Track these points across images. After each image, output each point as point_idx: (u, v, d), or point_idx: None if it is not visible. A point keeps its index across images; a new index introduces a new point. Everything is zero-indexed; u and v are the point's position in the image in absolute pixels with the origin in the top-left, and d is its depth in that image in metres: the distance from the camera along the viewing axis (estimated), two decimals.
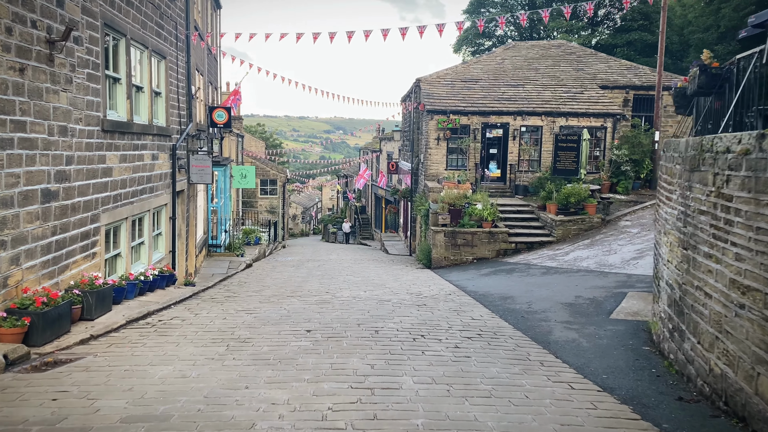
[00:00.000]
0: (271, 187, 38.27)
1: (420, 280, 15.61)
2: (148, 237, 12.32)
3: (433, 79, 25.63)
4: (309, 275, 16.73)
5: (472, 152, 23.37)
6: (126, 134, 10.83)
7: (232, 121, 20.14)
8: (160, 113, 13.17)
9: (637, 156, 22.83)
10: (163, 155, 13.06)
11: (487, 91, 24.64)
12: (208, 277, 17.08)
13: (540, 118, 23.47)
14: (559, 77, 26.02)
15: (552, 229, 19.21)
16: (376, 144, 44.09)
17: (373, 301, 11.41)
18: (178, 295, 11.75)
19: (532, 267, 16.30)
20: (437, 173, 23.32)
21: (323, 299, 11.57)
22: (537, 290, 12.83)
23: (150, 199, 12.23)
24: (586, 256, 16.51)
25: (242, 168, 27.62)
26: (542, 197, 20.54)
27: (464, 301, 11.71)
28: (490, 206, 19.15)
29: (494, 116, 23.37)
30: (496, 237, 18.68)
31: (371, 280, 15.64)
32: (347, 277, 16.27)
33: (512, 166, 23.55)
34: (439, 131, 23.19)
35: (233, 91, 21.69)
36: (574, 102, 24.05)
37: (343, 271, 18.12)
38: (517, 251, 18.75)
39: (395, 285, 14.29)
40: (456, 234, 18.72)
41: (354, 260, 22.53)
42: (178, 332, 8.29)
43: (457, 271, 17.65)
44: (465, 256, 18.75)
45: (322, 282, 14.86)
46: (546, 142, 23.56)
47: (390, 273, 17.76)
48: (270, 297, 11.92)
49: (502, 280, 14.88)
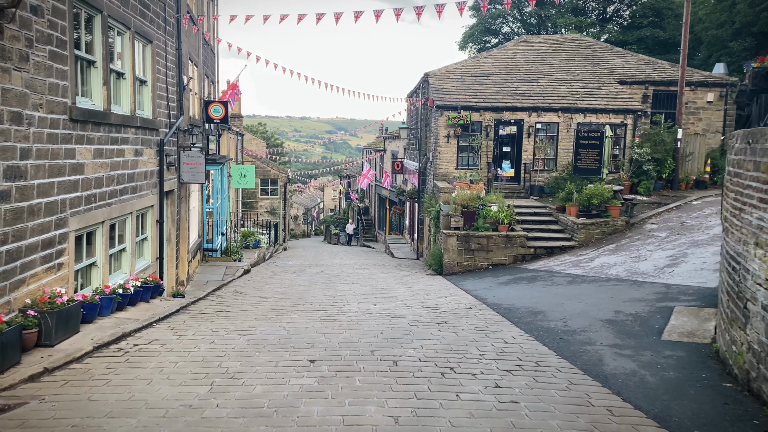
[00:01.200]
0: (271, 188, 36.69)
1: (433, 290, 14.06)
2: (131, 243, 10.77)
3: (442, 74, 24.08)
4: (311, 283, 15.18)
5: (484, 150, 21.81)
6: (102, 125, 9.28)
7: (229, 117, 18.60)
8: (146, 104, 11.63)
9: (660, 155, 21.26)
10: (149, 151, 11.52)
11: (500, 86, 23.09)
12: (201, 284, 15.54)
13: (556, 114, 21.90)
14: (574, 72, 24.47)
15: (573, 232, 17.64)
16: (380, 143, 42.54)
17: (386, 317, 9.85)
18: (163, 309, 10.20)
19: (555, 275, 14.75)
20: (447, 173, 21.76)
21: (328, 315, 10.01)
22: (569, 303, 11.28)
23: (132, 200, 10.68)
24: (614, 263, 14.95)
25: (241, 167, 26.07)
26: (561, 198, 18.98)
27: (489, 317, 10.16)
28: (506, 208, 17.60)
29: (508, 112, 21.81)
30: (513, 241, 17.12)
31: (380, 289, 14.09)
32: (353, 285, 14.72)
33: (527, 166, 21.99)
34: (449, 128, 21.63)
35: (231, 84, 20.17)
36: (592, 98, 22.48)
37: (348, 278, 16.57)
38: (536, 257, 17.19)
39: (407, 296, 12.73)
40: (470, 238, 17.17)
41: (359, 265, 20.98)
42: (153, 363, 6.73)
43: (472, 278, 16.10)
44: (479, 262, 17.20)
45: (327, 292, 13.31)
46: (563, 139, 22.00)
47: (399, 280, 16.21)
48: (268, 312, 10.37)
49: (526, 291, 13.33)
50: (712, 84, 23.81)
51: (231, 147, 30.28)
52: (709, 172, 22.89)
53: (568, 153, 22.01)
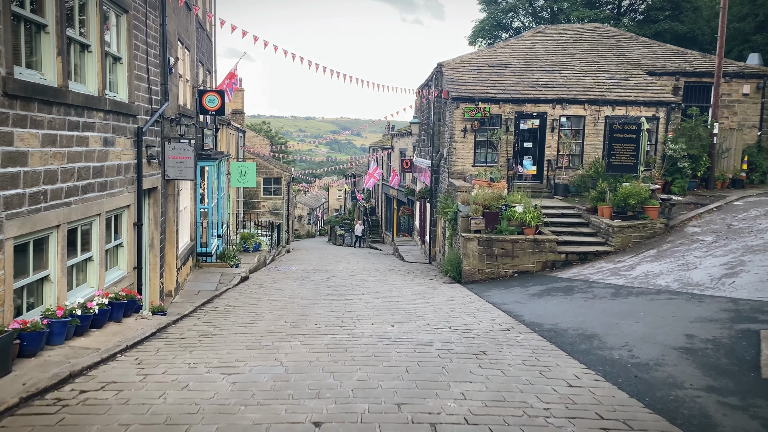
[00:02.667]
0: (274, 187, 34.69)
1: (456, 303, 12.07)
2: (99, 251, 8.80)
3: (457, 64, 22.06)
4: (316, 294, 13.20)
5: (504, 146, 19.79)
6: (56, 106, 7.31)
7: (230, 111, 16.63)
8: (120, 85, 9.65)
9: (695, 151, 19.20)
10: (124, 141, 9.54)
11: (520, 77, 21.05)
12: (192, 295, 13.57)
13: (582, 106, 19.86)
14: (598, 63, 22.41)
15: (608, 236, 15.61)
16: (387, 141, 40.52)
17: (408, 344, 7.86)
18: (135, 333, 8.23)
19: (594, 285, 12.72)
20: (463, 170, 19.75)
21: (337, 341, 8.02)
22: (624, 324, 9.27)
23: (101, 199, 8.71)
24: (659, 271, 12.93)
25: (241, 165, 24.10)
26: (592, 198, 16.95)
27: (534, 344, 8.16)
28: (533, 209, 15.58)
29: (529, 104, 19.78)
30: (541, 246, 15.10)
31: (395, 302, 12.09)
32: (364, 297, 12.72)
33: (550, 162, 19.96)
34: (465, 121, 19.61)
35: (229, 73, 18.22)
36: (620, 89, 20.44)
37: (357, 287, 14.58)
38: (567, 264, 15.16)
39: (428, 312, 10.73)
40: (492, 242, 15.16)
41: (368, 270, 18.98)
42: (96, 426, 4.76)
43: (497, 288, 14.09)
44: (503, 269, 15.19)
45: (334, 306, 11.31)
46: (589, 134, 19.96)
47: (415, 290, 14.21)
48: (263, 336, 8.38)
49: (565, 306, 11.32)
50: (748, 75, 21.75)
51: (231, 144, 28.30)
52: (745, 170, 20.85)
53: (595, 149, 19.98)
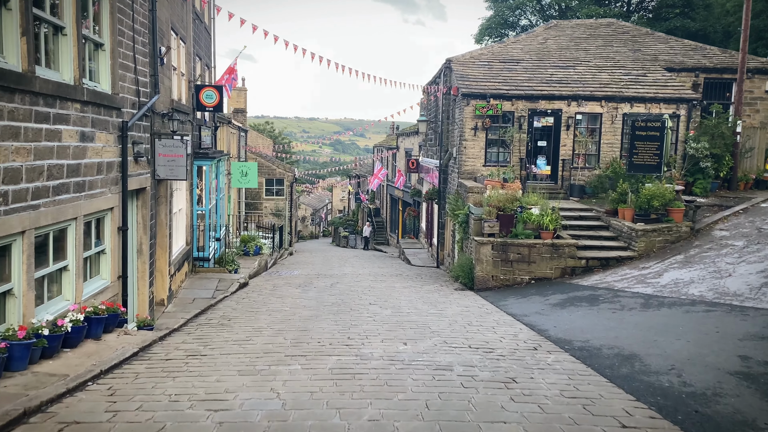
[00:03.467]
0: (277, 188, 33.64)
1: (472, 314, 11.00)
2: (76, 259, 7.76)
3: (467, 60, 21.00)
4: (319, 304, 12.14)
5: (517, 145, 18.71)
6: (19, 93, 6.27)
7: (232, 110, 15.60)
8: (102, 74, 8.62)
9: (718, 150, 18.07)
10: (106, 136, 8.51)
11: (532, 73, 19.98)
12: (186, 303, 12.54)
13: (599, 103, 18.77)
14: (614, 58, 21.32)
15: (631, 240, 14.52)
16: (392, 141, 39.46)
17: (425, 369, 6.79)
18: (114, 353, 7.18)
19: (620, 294, 11.64)
20: (473, 170, 18.68)
21: (343, 365, 6.95)
22: (663, 341, 8.19)
23: (77, 201, 7.68)
24: (690, 279, 11.85)
25: (242, 164, 23.07)
26: (612, 200, 15.86)
27: (569, 367, 7.09)
28: (551, 211, 14.51)
29: (544, 101, 18.70)
30: (560, 251, 14.02)
31: (405, 313, 11.03)
32: (372, 307, 11.66)
33: (565, 162, 18.87)
34: (476, 119, 18.54)
35: (228, 68, 17.20)
36: (638, 85, 19.34)
37: (364, 295, 13.52)
38: (588, 270, 14.07)
39: (443, 325, 9.67)
40: (507, 246, 14.09)
41: (374, 275, 17.92)
42: None
43: (513, 296, 13.01)
44: (519, 276, 14.12)
45: (339, 319, 10.26)
46: (606, 132, 18.86)
47: (425, 299, 13.15)
48: (258, 357, 7.33)
49: (593, 318, 10.24)
50: None
51: (232, 143, 27.28)
52: None
53: (612, 148, 18.88)
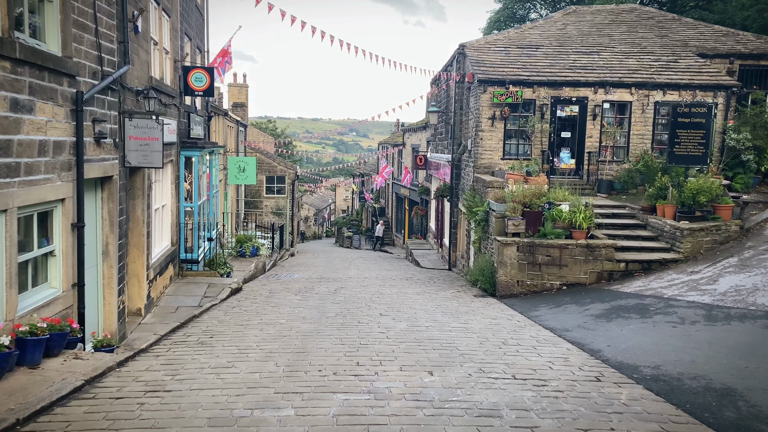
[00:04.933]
0: (278, 186, 31.82)
1: (504, 329, 9.15)
2: (7, 264, 5.94)
3: (481, 45, 19.15)
4: (321, 315, 10.30)
5: (539, 136, 16.85)
6: None
7: (215, 87, 13.79)
8: (50, 30, 6.79)
9: (760, 142, 16.19)
10: (53, 108, 6.68)
11: (554, 59, 18.12)
12: (168, 313, 10.71)
13: (629, 90, 16.90)
14: (640, 44, 19.45)
15: (674, 240, 12.64)
16: (398, 138, 37.61)
17: (464, 416, 4.94)
18: (46, 390, 5.35)
19: (674, 304, 9.77)
20: (491, 164, 16.83)
21: (351, 410, 5.10)
22: (757, 368, 6.34)
23: (8, 189, 5.86)
24: (753, 286, 10.01)
25: (240, 159, 21.24)
26: (649, 195, 14.00)
27: (653, 408, 5.24)
28: (583, 207, 12.66)
29: (568, 88, 16.83)
30: (596, 253, 12.16)
31: (425, 328, 9.17)
32: (383, 319, 9.82)
33: (591, 155, 17.00)
34: (494, 108, 16.69)
35: (221, 50, 15.42)
36: (671, 72, 17.47)
37: (372, 303, 11.67)
38: (627, 274, 12.20)
39: (473, 344, 7.81)
40: (535, 247, 12.24)
41: (381, 279, 16.06)
42: None
43: (545, 305, 11.14)
44: (549, 281, 12.26)
45: (344, 336, 8.40)
46: (636, 122, 16.99)
47: (444, 308, 11.29)
48: (239, 395, 5.47)
49: (649, 333, 8.37)
50: None
51: (230, 138, 25.46)
52: None
53: (642, 139, 17.01)
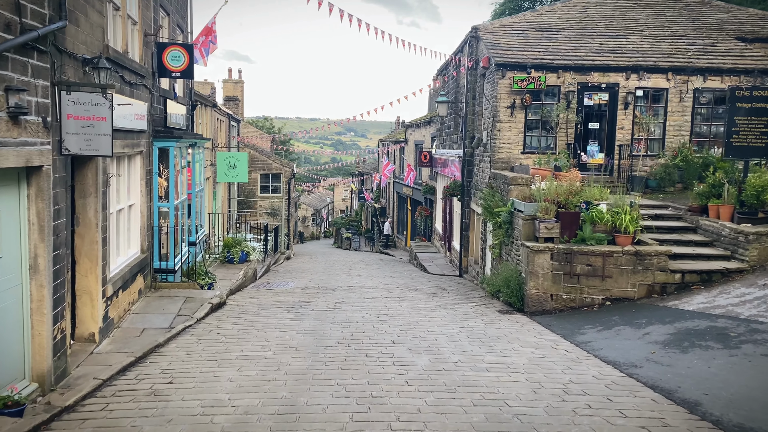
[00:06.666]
0: (273, 185, 29.71)
1: (557, 367, 7.07)
2: None
3: (496, 28, 17.10)
4: (318, 344, 8.21)
5: (564, 127, 14.80)
6: None
7: (194, 69, 11.68)
8: None
9: None
10: None
11: (578, 42, 16.07)
12: (130, 337, 8.62)
13: (665, 76, 14.85)
14: (671, 28, 17.41)
15: (736, 247, 10.57)
16: (399, 135, 35.52)
17: None
18: None
19: (758, 328, 7.69)
20: (510, 158, 14.76)
21: None
22: None
23: None
24: None
25: (229, 155, 19.14)
26: (699, 194, 11.94)
27: None
28: (629, 207, 10.61)
29: (597, 73, 14.77)
30: (646, 262, 10.09)
31: (454, 366, 7.10)
32: (398, 350, 7.73)
33: (622, 149, 14.96)
34: (513, 95, 14.63)
35: (204, 28, 13.35)
36: (710, 56, 15.43)
37: (382, 324, 9.57)
38: (683, 287, 10.12)
39: (523, 393, 5.73)
40: (573, 255, 10.17)
41: (388, 289, 13.96)
42: None
43: (589, 325, 9.06)
44: (590, 295, 10.19)
45: (349, 383, 6.33)
46: (673, 112, 14.95)
47: (469, 330, 9.20)
48: None
49: (749, 372, 6.29)
50: None
51: (220, 132, 23.33)
52: None
53: (680, 131, 14.97)
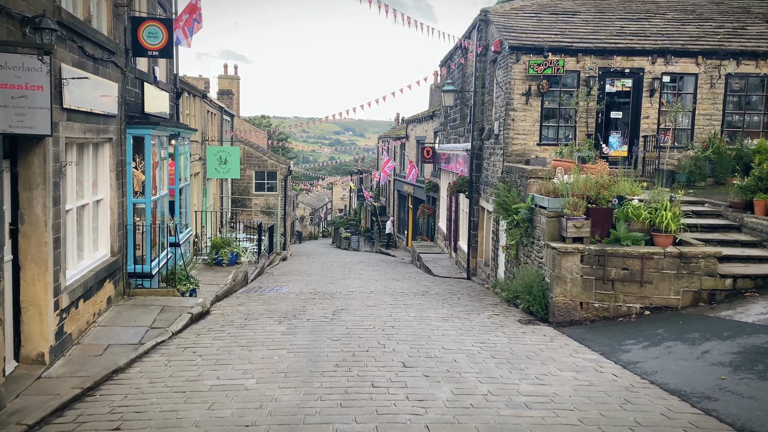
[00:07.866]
0: (269, 182, 28.31)
1: (610, 399, 5.68)
2: None
3: (507, 11, 15.72)
4: (312, 371, 6.81)
5: (583, 116, 13.43)
6: None
7: (174, 47, 10.26)
8: None
9: None
10: None
11: (597, 25, 14.71)
12: (90, 356, 7.20)
13: (694, 60, 13.48)
14: (695, 11, 16.05)
15: None
16: (400, 131, 34.11)
17: None
18: None
19: None
20: (524, 150, 13.39)
21: None
22: None
23: None
24: None
25: (220, 149, 17.73)
26: (742, 188, 10.56)
27: None
28: (669, 202, 9.23)
29: (620, 57, 13.40)
30: (692, 265, 8.70)
31: (482, 400, 5.72)
32: (410, 378, 6.34)
33: (647, 139, 13.59)
34: (529, 81, 13.25)
35: (188, 5, 11.96)
36: (742, 39, 14.08)
37: (388, 340, 8.16)
38: (734, 294, 8.73)
39: None
40: (606, 258, 8.79)
41: (392, 294, 12.54)
42: None
43: (632, 341, 7.66)
44: (626, 303, 8.81)
45: (351, 423, 4.94)
46: (703, 100, 13.58)
47: (491, 346, 7.80)
48: None
49: None
50: None
51: (211, 126, 21.91)
52: None
53: (711, 121, 13.61)
